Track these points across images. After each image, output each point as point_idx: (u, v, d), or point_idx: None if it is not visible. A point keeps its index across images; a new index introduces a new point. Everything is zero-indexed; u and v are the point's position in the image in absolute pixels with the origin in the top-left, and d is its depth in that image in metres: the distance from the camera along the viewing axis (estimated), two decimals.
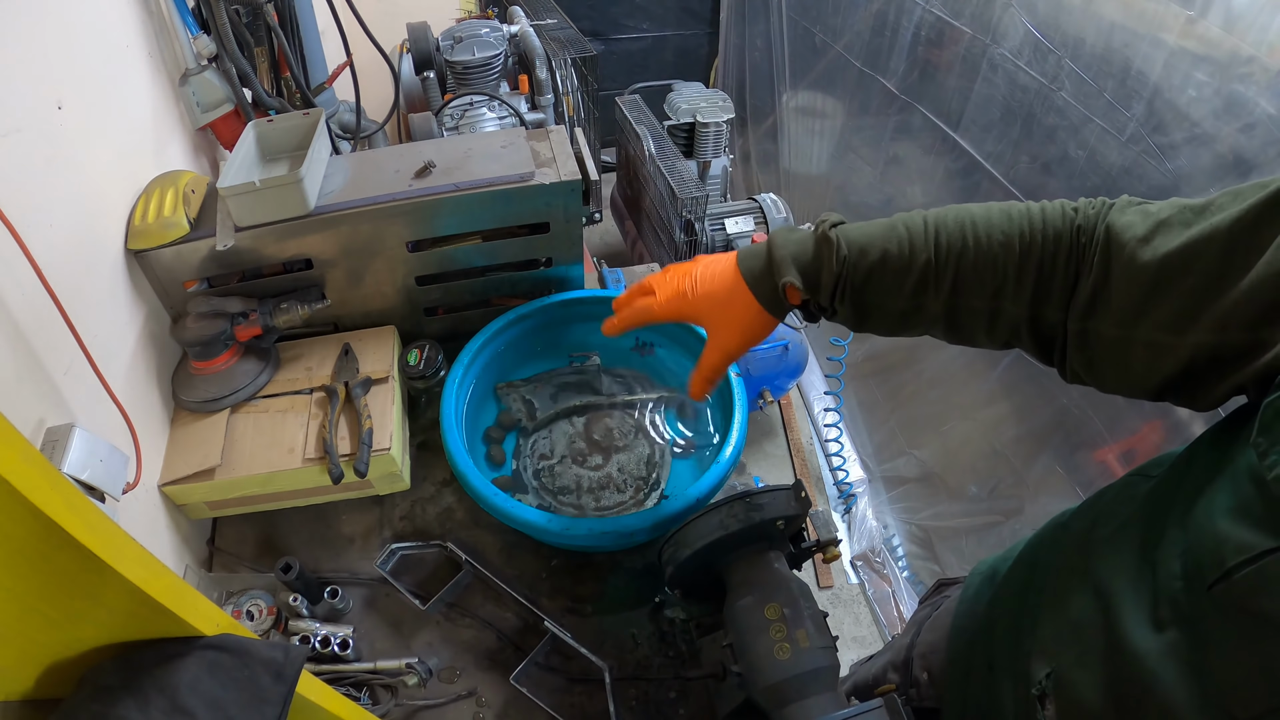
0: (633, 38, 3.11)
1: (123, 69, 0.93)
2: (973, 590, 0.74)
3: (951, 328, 0.61)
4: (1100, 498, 0.60)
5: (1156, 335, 0.49)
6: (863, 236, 0.61)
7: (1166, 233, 0.49)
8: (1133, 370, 0.52)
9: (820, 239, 0.62)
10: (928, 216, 0.60)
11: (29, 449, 0.35)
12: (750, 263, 0.66)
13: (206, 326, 0.91)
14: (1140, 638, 0.45)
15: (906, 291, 0.60)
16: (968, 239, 0.57)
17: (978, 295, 0.58)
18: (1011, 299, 0.57)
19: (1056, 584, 0.57)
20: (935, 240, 0.58)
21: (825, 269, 0.61)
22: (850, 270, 0.60)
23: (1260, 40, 1.05)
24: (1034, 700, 0.53)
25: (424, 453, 1.02)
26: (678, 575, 0.76)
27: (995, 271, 0.57)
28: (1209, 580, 0.41)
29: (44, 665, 0.44)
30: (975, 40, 1.62)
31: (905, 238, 0.59)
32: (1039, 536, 0.67)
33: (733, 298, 0.67)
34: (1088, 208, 0.56)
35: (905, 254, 0.59)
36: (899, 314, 0.62)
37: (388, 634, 0.86)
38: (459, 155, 0.99)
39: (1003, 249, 0.56)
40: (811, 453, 2.42)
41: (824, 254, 0.61)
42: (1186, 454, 0.52)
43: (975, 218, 0.58)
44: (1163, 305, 0.48)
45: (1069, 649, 0.52)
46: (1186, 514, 0.45)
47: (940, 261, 0.58)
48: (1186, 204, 0.49)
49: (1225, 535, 0.40)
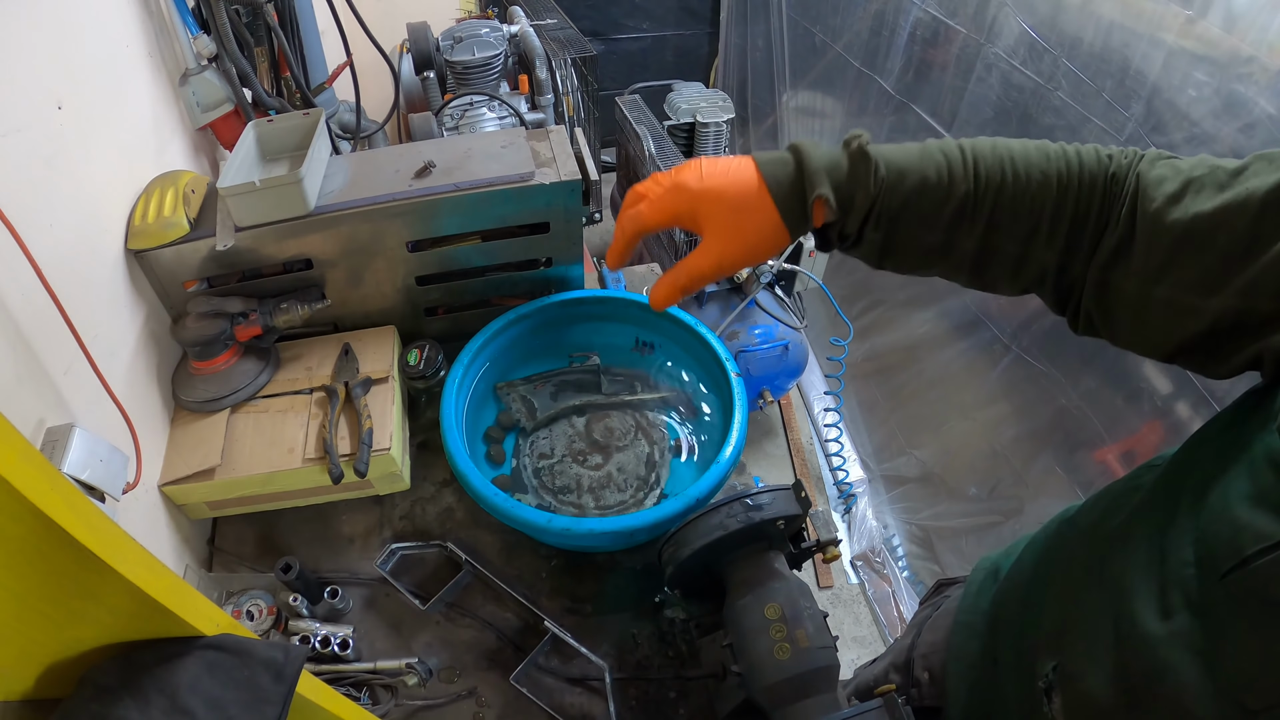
0: (633, 38, 3.11)
1: (123, 69, 0.93)
2: (975, 587, 0.73)
3: (976, 270, 0.57)
4: (1107, 492, 0.59)
5: (1180, 295, 0.47)
6: (901, 158, 0.55)
7: (1198, 193, 0.47)
8: (1151, 327, 0.50)
9: (856, 154, 0.55)
10: (964, 145, 0.55)
11: (29, 449, 0.35)
12: (774, 169, 0.57)
13: (206, 326, 0.91)
14: (1150, 626, 0.44)
15: (942, 224, 0.55)
16: (1006, 173, 0.53)
17: (1011, 237, 0.54)
18: (1045, 244, 0.54)
19: (1063, 577, 0.57)
20: (975, 170, 0.54)
21: (861, 189, 0.55)
22: (887, 193, 0.55)
23: (1260, 40, 1.05)
24: (1040, 693, 0.52)
25: (424, 453, 1.02)
26: (678, 575, 0.76)
27: (1032, 212, 0.53)
28: (1224, 569, 0.40)
29: (44, 665, 0.44)
30: (969, 40, 1.62)
31: (944, 165, 0.54)
32: (1044, 532, 0.66)
33: (747, 201, 0.57)
34: (1120, 156, 0.53)
35: (945, 182, 0.54)
36: (928, 249, 0.57)
37: (388, 634, 0.86)
38: (459, 155, 0.99)
39: (1040, 188, 0.53)
40: (811, 453, 2.42)
41: (860, 172, 0.55)
42: (1194, 441, 0.51)
43: (1013, 151, 0.54)
44: (1189, 266, 0.47)
45: (1076, 641, 0.51)
46: (1199, 501, 0.44)
47: (979, 194, 0.54)
48: (1219, 164, 0.48)
49: (1243, 523, 0.39)
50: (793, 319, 2.10)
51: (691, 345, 1.03)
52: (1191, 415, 1.22)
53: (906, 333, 2.03)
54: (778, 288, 2.11)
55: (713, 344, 0.98)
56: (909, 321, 2.02)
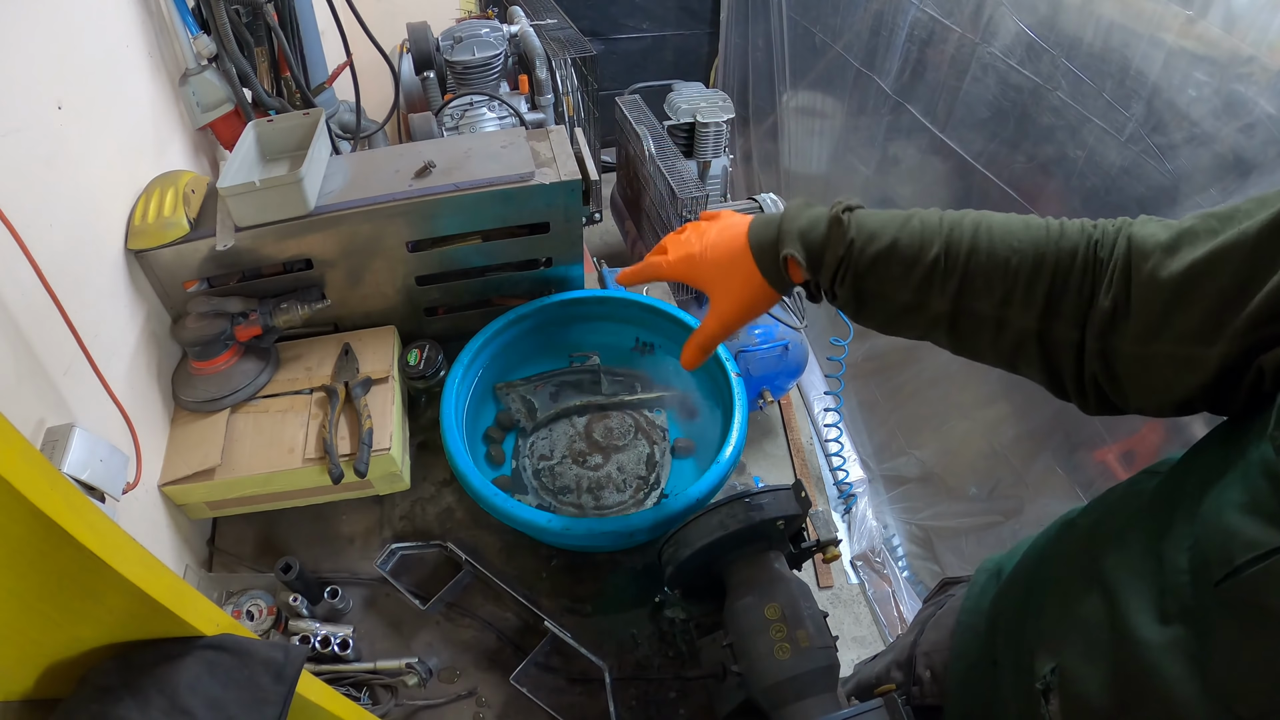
0: (633, 38, 3.11)
1: (123, 69, 0.93)
2: (978, 587, 0.74)
3: (954, 332, 0.59)
4: (1108, 495, 0.60)
5: (1181, 348, 0.47)
6: (875, 223, 0.60)
7: (1193, 242, 0.47)
8: (1155, 387, 0.51)
9: (832, 219, 0.61)
10: (945, 215, 0.59)
11: (29, 449, 0.35)
12: (760, 232, 0.65)
13: (206, 326, 0.91)
14: (1145, 632, 0.45)
15: (912, 285, 0.58)
16: (980, 240, 0.56)
17: (985, 299, 0.56)
18: (1020, 308, 0.55)
19: (1062, 579, 0.57)
20: (948, 237, 0.57)
21: (830, 249, 0.60)
22: (856, 254, 0.59)
23: (1260, 40, 1.05)
24: (1038, 694, 0.53)
25: (424, 453, 1.02)
26: (678, 575, 0.76)
27: (1005, 275, 0.55)
28: (1216, 576, 0.40)
29: (44, 665, 0.44)
30: (964, 39, 1.62)
31: (918, 230, 0.58)
32: (1045, 534, 0.67)
33: (736, 265, 0.66)
34: (1107, 225, 0.54)
35: (915, 245, 0.58)
36: (901, 307, 0.60)
37: (388, 634, 0.86)
38: (459, 155, 0.99)
39: (1015, 255, 0.55)
40: (811, 453, 2.42)
41: (832, 234, 0.60)
42: (1194, 449, 0.51)
43: (992, 222, 0.57)
44: (1187, 316, 0.47)
45: (1074, 644, 0.51)
46: (1194, 508, 0.44)
47: (950, 258, 0.57)
48: (1211, 213, 0.48)
49: (1235, 531, 0.40)
50: (793, 319, 2.10)
51: None
52: (1192, 418, 1.22)
53: None
54: None
55: None
56: None
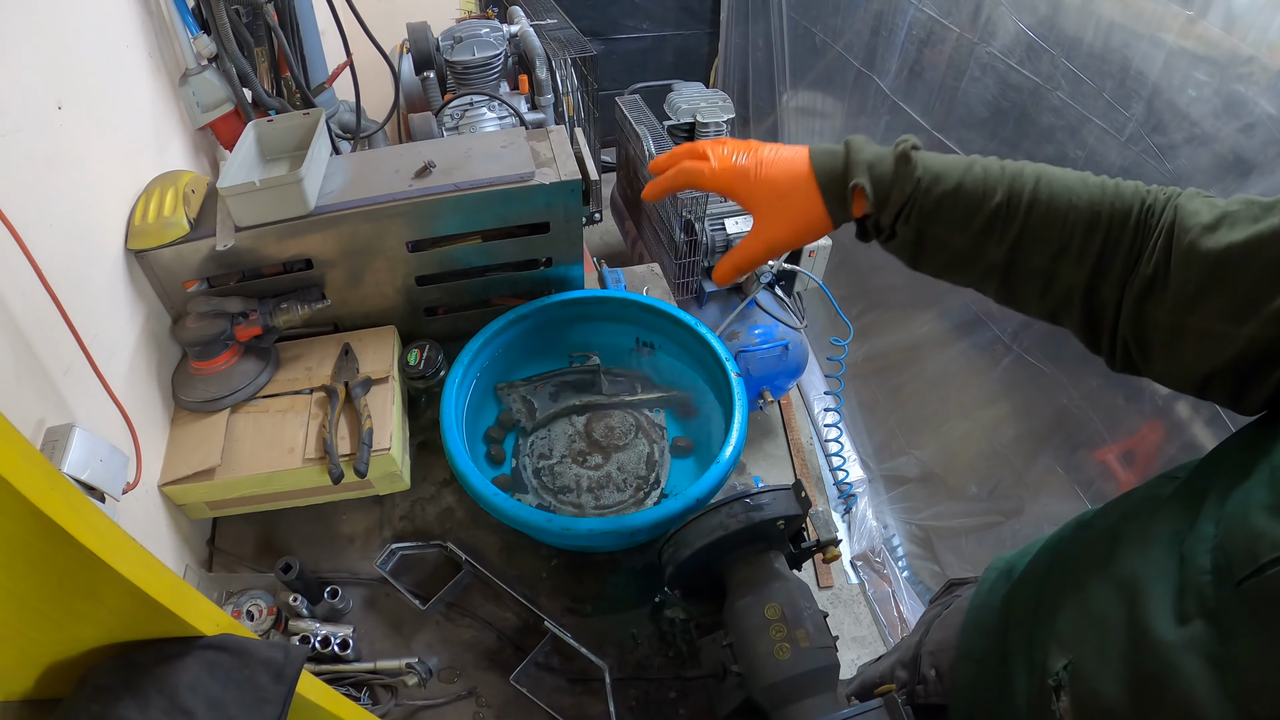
0: (633, 38, 3.11)
1: (123, 69, 0.93)
2: (988, 585, 0.74)
3: (1006, 284, 0.60)
4: (1126, 497, 0.60)
5: (1211, 323, 0.49)
6: (940, 165, 0.60)
7: (1233, 225, 0.49)
8: (1182, 357, 0.52)
9: (899, 155, 0.60)
10: (1006, 164, 0.59)
11: (29, 449, 0.35)
12: (824, 160, 0.63)
13: (206, 326, 0.91)
14: (1163, 630, 0.45)
15: (973, 230, 0.58)
16: (1041, 191, 0.57)
17: (1040, 252, 0.57)
18: (1073, 263, 0.56)
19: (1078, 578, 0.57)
20: (1011, 185, 0.57)
21: (897, 186, 0.59)
22: (922, 194, 0.59)
23: (1260, 40, 1.05)
24: (1049, 691, 0.53)
25: (424, 453, 1.02)
26: (678, 575, 0.76)
27: (1063, 230, 0.56)
28: (1239, 575, 0.40)
29: (44, 665, 0.44)
30: (963, 39, 1.62)
31: (981, 176, 0.58)
32: (1060, 533, 0.67)
33: (797, 190, 0.64)
34: (1159, 191, 0.56)
35: (979, 191, 0.58)
36: (957, 253, 0.60)
37: (388, 634, 0.86)
38: (459, 155, 0.99)
39: (1073, 209, 0.56)
40: (811, 453, 2.42)
41: (900, 170, 0.60)
42: (1216, 453, 0.52)
43: (1052, 175, 0.58)
44: (1220, 294, 0.48)
45: (1089, 641, 0.52)
46: (1218, 509, 0.45)
47: (1012, 206, 0.57)
48: (1255, 200, 0.49)
49: (1261, 531, 0.40)
50: (793, 319, 2.10)
51: (691, 345, 1.03)
52: (1192, 416, 1.22)
53: (906, 333, 2.03)
54: (778, 288, 2.11)
55: (713, 344, 0.98)
56: (909, 321, 2.02)
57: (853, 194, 0.61)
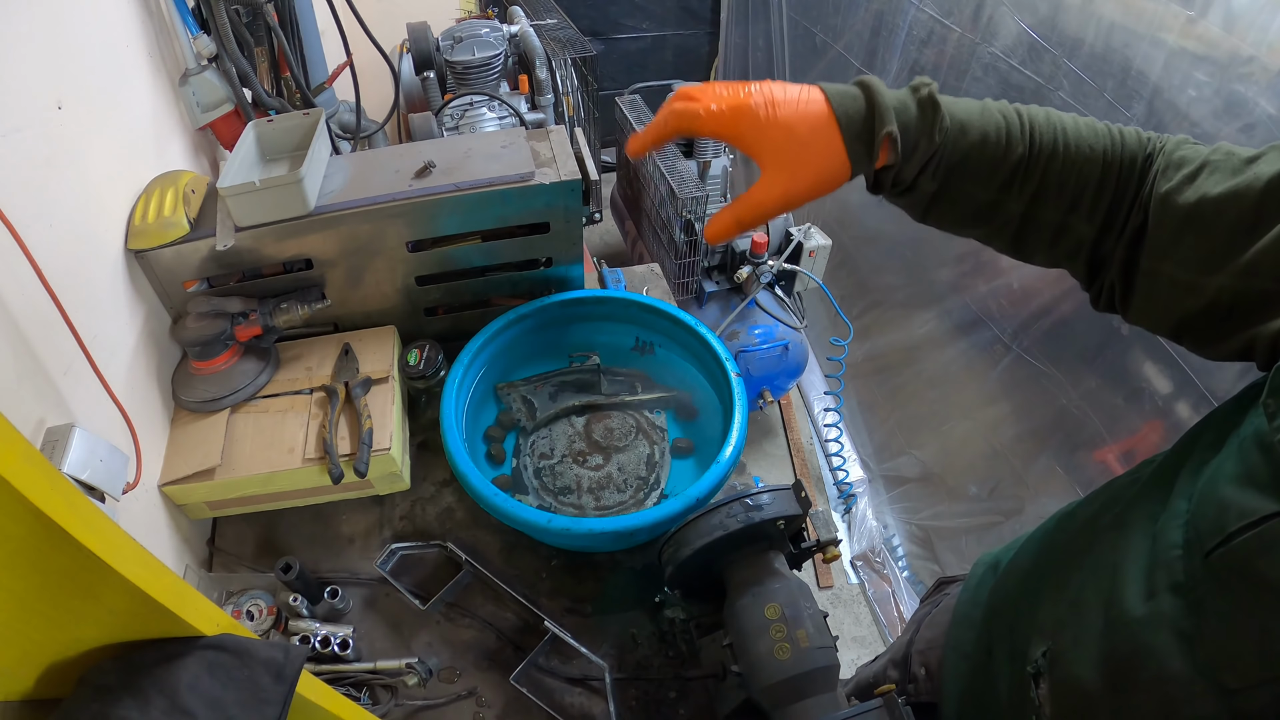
0: (633, 38, 3.11)
1: (123, 69, 0.93)
2: (975, 580, 0.74)
3: (1018, 237, 0.58)
4: (1108, 487, 0.60)
5: (1183, 273, 0.49)
6: (963, 113, 0.56)
7: (1210, 175, 0.49)
8: (1157, 303, 0.52)
9: (925, 101, 0.55)
10: (1020, 109, 0.57)
11: (29, 449, 0.35)
12: (845, 102, 0.56)
13: (206, 326, 0.91)
14: (1134, 609, 0.45)
15: (996, 183, 0.56)
16: (1059, 142, 0.55)
17: (1055, 206, 0.56)
18: (1086, 217, 0.55)
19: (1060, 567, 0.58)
20: (1031, 136, 0.55)
21: (925, 136, 0.55)
22: (950, 146, 0.55)
23: (1260, 40, 1.05)
24: (1028, 679, 0.53)
25: (424, 453, 1.02)
26: (678, 575, 0.76)
27: (1078, 182, 0.55)
28: (1208, 547, 0.41)
29: (44, 665, 0.44)
30: (964, 39, 1.62)
31: (1003, 125, 0.55)
32: (1045, 526, 0.67)
33: (816, 135, 0.55)
34: (1158, 141, 0.55)
35: (1002, 143, 0.55)
36: (977, 206, 0.57)
37: (388, 634, 0.86)
38: (459, 155, 0.99)
39: (1088, 161, 0.54)
40: (811, 453, 2.42)
41: (928, 118, 0.55)
42: (1191, 434, 0.52)
43: (1065, 123, 0.56)
44: (1193, 245, 0.48)
45: (1067, 627, 0.52)
46: (1191, 485, 0.45)
47: (1033, 159, 0.55)
48: (1236, 151, 0.49)
49: (1229, 501, 0.40)
50: (793, 319, 2.10)
51: (691, 345, 1.03)
52: (1192, 415, 1.22)
53: (906, 333, 2.03)
54: (778, 288, 2.11)
55: (713, 344, 0.98)
56: (909, 321, 2.02)
57: (881, 143, 0.55)
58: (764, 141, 0.56)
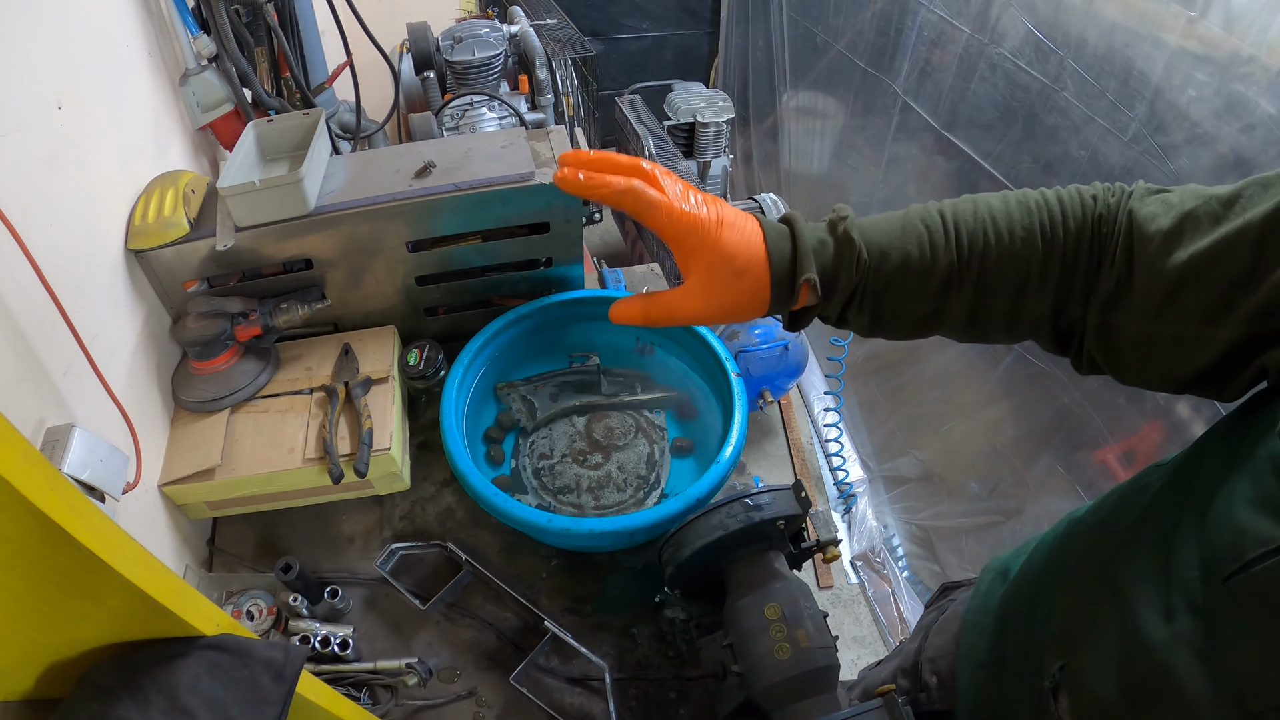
0: (633, 38, 3.11)
1: (123, 69, 0.93)
2: (984, 587, 0.73)
3: (971, 328, 0.58)
4: (1114, 492, 0.60)
5: (1186, 329, 0.48)
6: (882, 236, 0.56)
7: (1195, 229, 0.47)
8: (1159, 363, 0.51)
9: (842, 239, 0.56)
10: (944, 210, 0.57)
11: (29, 449, 0.35)
12: (780, 243, 0.57)
13: (206, 326, 0.91)
14: (1153, 628, 0.45)
15: (929, 295, 0.56)
16: (989, 235, 0.54)
17: (1001, 294, 0.55)
18: (1035, 296, 0.55)
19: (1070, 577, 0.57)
20: (956, 239, 0.55)
21: (844, 274, 0.56)
22: (871, 276, 0.56)
23: (1260, 40, 1.05)
24: (1047, 693, 0.53)
25: (424, 453, 1.02)
26: (678, 575, 0.76)
27: (1019, 269, 0.54)
28: (1226, 572, 0.40)
29: (44, 665, 0.44)
30: (973, 40, 1.62)
31: (926, 237, 0.55)
32: (1053, 532, 0.67)
33: (750, 268, 0.57)
34: (1107, 195, 0.54)
35: (927, 255, 0.55)
36: (918, 319, 0.58)
37: (388, 634, 0.86)
38: (459, 155, 0.99)
39: (1024, 245, 0.54)
40: (811, 453, 2.42)
41: (844, 256, 0.56)
42: (1199, 445, 0.51)
43: (994, 211, 0.55)
44: (1192, 300, 0.47)
45: (1083, 642, 0.51)
46: (1204, 505, 0.45)
47: (964, 262, 0.55)
48: (1211, 194, 0.48)
49: (1245, 526, 0.40)
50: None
51: (691, 345, 1.03)
52: (1192, 415, 1.22)
53: None
54: None
55: (713, 344, 0.98)
56: None
57: (800, 288, 0.56)
58: (702, 257, 0.57)
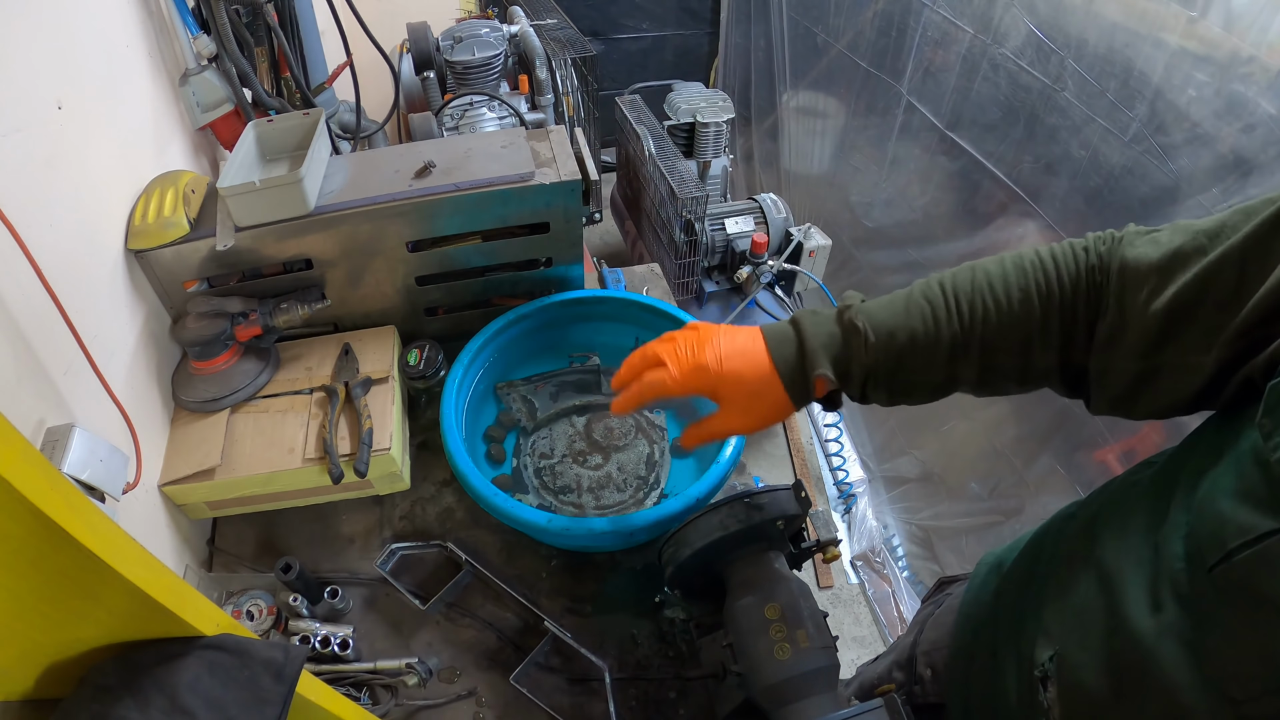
0: (633, 38, 3.11)
1: (123, 69, 0.93)
2: (979, 580, 0.74)
3: (984, 386, 0.62)
4: (1106, 487, 0.61)
5: (1182, 358, 0.50)
6: (889, 317, 0.60)
7: (1184, 264, 0.49)
8: (1162, 395, 0.52)
9: (848, 328, 0.61)
10: (944, 282, 0.60)
11: (29, 449, 0.35)
12: (783, 350, 0.63)
13: (206, 326, 0.91)
14: (1139, 618, 0.46)
15: (939, 365, 0.60)
16: (988, 303, 0.58)
17: (1006, 354, 0.58)
18: (1040, 352, 0.58)
19: (1061, 569, 0.58)
20: (957, 310, 0.59)
21: (855, 360, 0.61)
22: (880, 358, 0.60)
23: (1260, 40, 1.05)
24: (1036, 682, 0.54)
25: (424, 453, 1.02)
26: (678, 575, 0.76)
27: (1020, 330, 0.57)
28: (1210, 562, 0.41)
29: (44, 665, 0.44)
30: (976, 40, 1.62)
31: (929, 313, 0.59)
32: (1045, 526, 0.68)
33: (761, 385, 0.64)
34: (1098, 244, 0.56)
35: (931, 330, 0.59)
36: (933, 386, 0.62)
37: (388, 634, 0.86)
38: (459, 155, 0.99)
39: (1023, 306, 0.57)
40: (811, 453, 2.42)
41: (853, 344, 0.61)
42: (1190, 439, 0.53)
43: (991, 277, 0.58)
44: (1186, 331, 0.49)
45: (1072, 632, 0.52)
46: (1190, 496, 0.46)
47: (967, 331, 0.58)
48: (1199, 228, 0.50)
49: (1227, 517, 0.41)
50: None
51: None
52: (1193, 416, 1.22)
53: None
54: (778, 288, 2.11)
55: None
56: None
57: (815, 384, 0.62)
58: (721, 390, 0.65)
